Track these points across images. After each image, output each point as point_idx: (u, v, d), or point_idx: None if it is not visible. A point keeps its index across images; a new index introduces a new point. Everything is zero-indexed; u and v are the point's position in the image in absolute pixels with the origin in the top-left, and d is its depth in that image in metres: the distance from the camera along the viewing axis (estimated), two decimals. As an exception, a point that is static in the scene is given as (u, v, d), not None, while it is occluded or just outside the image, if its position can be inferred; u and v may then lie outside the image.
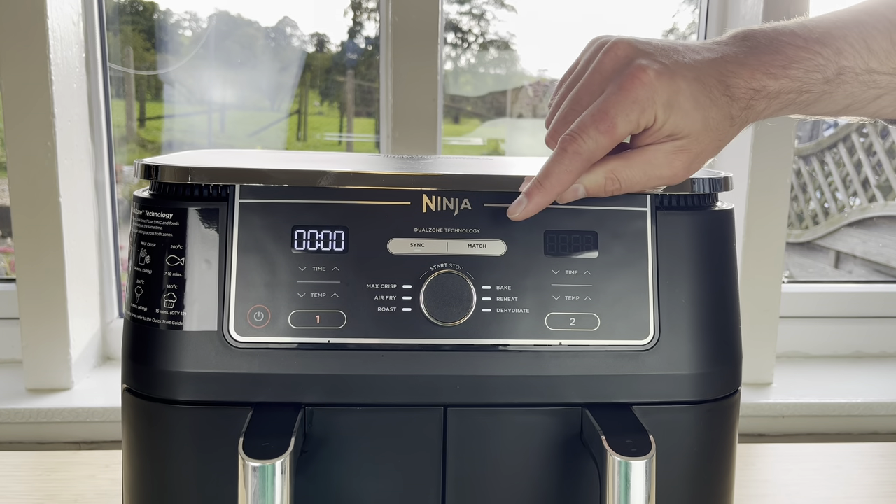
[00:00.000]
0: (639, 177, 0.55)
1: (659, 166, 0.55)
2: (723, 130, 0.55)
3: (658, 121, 0.54)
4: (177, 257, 0.57)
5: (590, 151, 0.53)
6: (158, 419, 0.58)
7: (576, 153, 0.54)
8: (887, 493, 1.01)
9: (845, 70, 0.57)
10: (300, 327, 0.57)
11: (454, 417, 0.58)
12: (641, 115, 0.53)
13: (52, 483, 0.99)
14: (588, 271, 0.59)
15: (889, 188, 2.05)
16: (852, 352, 1.46)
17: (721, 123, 0.55)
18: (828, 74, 0.56)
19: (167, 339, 0.57)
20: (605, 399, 0.58)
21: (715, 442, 0.61)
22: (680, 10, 1.59)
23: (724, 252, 0.61)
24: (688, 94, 0.54)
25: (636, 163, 0.55)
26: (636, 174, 0.55)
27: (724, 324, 0.61)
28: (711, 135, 0.55)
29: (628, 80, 0.53)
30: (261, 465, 0.50)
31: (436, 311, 0.57)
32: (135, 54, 1.50)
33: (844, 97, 0.58)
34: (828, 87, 0.57)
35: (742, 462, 1.08)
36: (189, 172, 0.57)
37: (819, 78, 0.56)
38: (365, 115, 1.65)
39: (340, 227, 0.58)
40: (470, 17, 1.67)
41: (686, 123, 0.54)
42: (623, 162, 0.55)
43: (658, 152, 0.55)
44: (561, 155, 0.54)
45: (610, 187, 0.55)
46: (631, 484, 0.52)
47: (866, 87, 0.58)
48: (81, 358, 1.25)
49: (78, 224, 1.23)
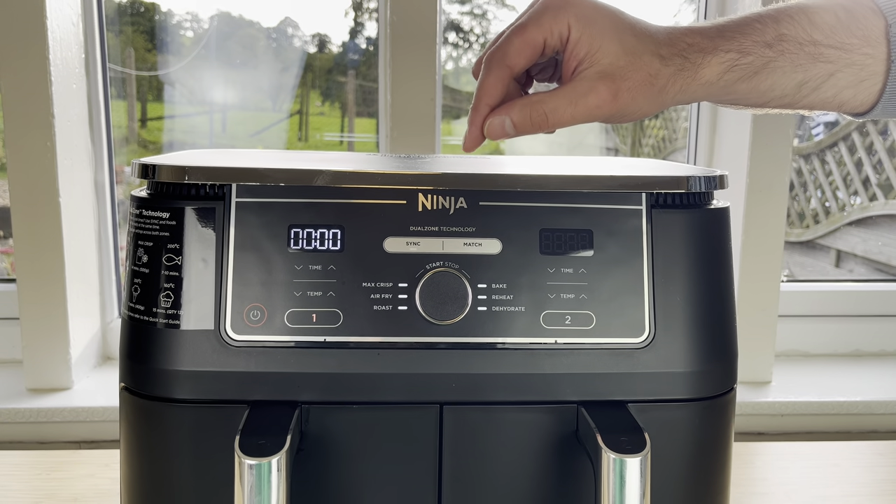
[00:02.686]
0: (565, 106, 0.56)
1: (583, 93, 0.55)
2: (651, 64, 0.56)
3: (572, 31, 0.54)
4: (174, 256, 0.57)
5: (504, 54, 0.55)
6: (156, 417, 0.58)
7: (490, 59, 0.56)
8: (886, 491, 1.02)
9: (785, 37, 0.58)
10: (296, 326, 0.57)
11: (450, 415, 0.58)
12: (553, 20, 0.54)
13: (51, 482, 1.00)
14: (583, 269, 0.59)
15: (890, 187, 2.05)
16: (852, 350, 1.46)
17: (646, 56, 0.56)
18: (767, 38, 0.57)
19: (164, 337, 0.57)
20: (600, 397, 0.58)
21: (711, 439, 0.61)
22: (681, 10, 1.59)
23: (719, 250, 0.61)
24: (605, 14, 0.55)
25: (560, 93, 0.56)
26: (562, 104, 0.56)
27: (720, 321, 0.61)
28: (636, 63, 0.55)
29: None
30: (257, 462, 0.50)
31: (432, 309, 0.57)
32: (136, 55, 1.50)
33: (794, 69, 0.58)
34: (770, 52, 0.58)
35: (741, 460, 1.08)
36: (186, 172, 0.57)
37: (758, 40, 0.57)
38: (366, 116, 1.65)
39: (336, 225, 0.58)
40: (471, 16, 1.68)
41: (602, 40, 0.55)
42: (547, 94, 0.56)
43: (582, 80, 0.55)
44: (484, 68, 0.56)
45: (536, 119, 0.56)
46: (626, 481, 0.52)
47: (814, 60, 0.58)
48: (81, 358, 1.25)
49: (78, 224, 1.23)
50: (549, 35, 0.55)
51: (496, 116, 0.57)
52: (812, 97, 0.61)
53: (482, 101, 0.56)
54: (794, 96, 0.60)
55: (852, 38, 0.59)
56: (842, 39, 0.59)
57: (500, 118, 0.56)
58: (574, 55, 0.55)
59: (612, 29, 0.55)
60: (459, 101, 1.72)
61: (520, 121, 0.56)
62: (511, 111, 0.56)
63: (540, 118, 0.56)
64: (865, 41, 0.59)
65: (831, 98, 0.61)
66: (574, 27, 0.54)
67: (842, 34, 0.59)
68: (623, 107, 0.56)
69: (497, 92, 0.56)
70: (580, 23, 0.54)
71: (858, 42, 0.59)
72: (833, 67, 0.59)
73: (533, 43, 0.55)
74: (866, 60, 0.59)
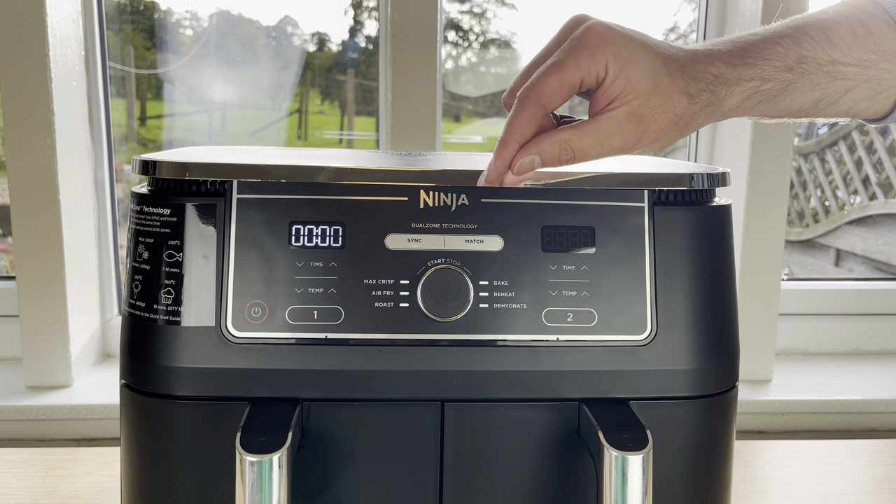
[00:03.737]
0: (591, 145, 0.56)
1: (611, 134, 0.55)
2: (677, 103, 0.56)
3: (609, 71, 0.54)
4: (174, 253, 0.57)
5: (540, 94, 0.54)
6: (156, 414, 0.58)
7: (526, 98, 0.55)
8: (886, 489, 1.01)
9: (806, 59, 0.58)
10: (298, 322, 0.57)
11: (451, 412, 0.58)
12: (592, 60, 0.54)
13: (51, 480, 0.99)
14: (585, 266, 0.59)
15: (889, 186, 2.05)
16: (852, 349, 1.46)
17: (675, 95, 0.56)
18: (788, 62, 0.57)
19: (165, 334, 0.57)
20: (602, 394, 0.58)
21: (712, 437, 0.61)
22: (681, 9, 1.59)
23: (721, 248, 0.61)
24: (642, 53, 0.55)
25: (588, 131, 0.56)
26: (588, 142, 0.56)
27: (722, 319, 0.61)
28: (663, 102, 0.55)
29: (581, 32, 0.55)
30: (258, 459, 0.50)
31: (433, 306, 0.57)
32: (135, 53, 1.50)
33: (812, 88, 0.58)
34: (791, 76, 0.58)
35: (741, 459, 1.08)
36: (186, 168, 0.57)
37: (779, 66, 0.57)
38: (366, 114, 1.65)
39: (338, 222, 0.58)
40: (471, 15, 1.67)
41: (636, 80, 0.55)
42: (576, 131, 0.56)
43: (610, 119, 0.55)
44: (517, 105, 0.55)
45: (564, 157, 0.56)
46: (628, 479, 0.52)
47: (832, 78, 0.59)
48: (81, 355, 1.25)
49: (78, 222, 1.23)
50: (587, 75, 0.54)
51: (526, 156, 0.56)
52: (827, 110, 0.61)
53: (513, 138, 0.55)
54: (810, 111, 0.61)
55: (869, 53, 0.59)
56: (859, 56, 0.59)
57: (529, 158, 0.56)
58: (607, 95, 0.55)
59: (648, 69, 0.55)
60: (459, 100, 1.72)
61: (549, 159, 0.56)
62: (542, 150, 0.56)
63: (567, 157, 0.56)
64: (882, 56, 0.59)
65: (846, 111, 0.61)
66: (612, 68, 0.54)
67: (859, 51, 0.59)
68: (646, 146, 0.57)
69: (529, 131, 0.55)
70: (618, 64, 0.54)
71: (875, 58, 0.59)
72: (850, 84, 0.59)
73: (570, 84, 0.55)
74: (883, 75, 0.59)
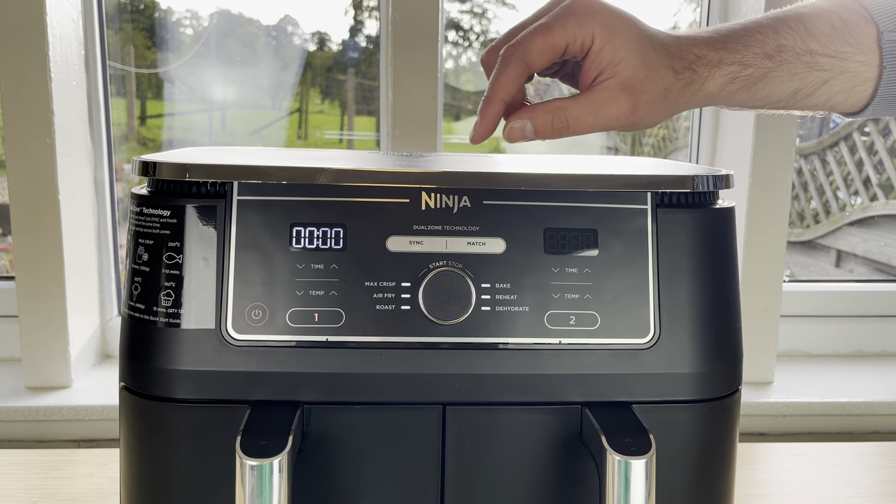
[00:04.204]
0: (586, 115, 0.56)
1: (605, 104, 0.56)
2: (664, 77, 0.57)
3: (596, 40, 0.55)
4: (174, 255, 0.57)
5: (525, 52, 0.55)
6: (156, 417, 0.58)
7: (511, 55, 0.55)
8: (888, 492, 1.01)
9: (784, 48, 0.59)
10: (298, 325, 0.56)
11: (453, 416, 0.58)
12: (579, 26, 0.55)
13: (50, 481, 0.99)
14: (588, 269, 0.58)
15: (890, 187, 2.05)
16: (853, 351, 1.45)
17: (661, 69, 0.57)
18: (767, 50, 0.59)
19: (165, 336, 0.57)
20: (604, 398, 0.58)
21: (715, 441, 0.61)
22: (681, 9, 1.58)
23: (724, 250, 0.61)
24: (629, 25, 0.56)
25: (582, 101, 0.56)
26: (583, 112, 0.56)
27: (725, 322, 0.60)
28: (652, 75, 0.56)
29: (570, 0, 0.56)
30: (258, 463, 0.50)
31: (435, 309, 0.57)
32: (135, 52, 1.50)
33: (790, 77, 0.60)
34: (770, 63, 0.59)
35: (743, 461, 1.08)
36: (187, 169, 0.56)
37: (759, 52, 0.59)
38: (366, 114, 1.65)
39: (339, 224, 0.57)
40: (471, 15, 1.67)
41: (625, 52, 0.55)
42: (569, 101, 0.57)
43: (604, 90, 0.56)
44: (501, 62, 0.56)
45: (558, 125, 0.56)
46: (631, 483, 0.52)
47: (810, 69, 0.60)
48: (80, 356, 1.25)
49: (77, 222, 1.22)
50: (573, 41, 0.55)
51: (517, 120, 0.57)
52: (805, 102, 0.63)
53: (497, 95, 0.56)
54: (788, 101, 0.62)
55: (846, 46, 0.60)
56: (836, 48, 0.60)
57: (521, 122, 0.57)
58: (596, 64, 0.56)
59: (634, 41, 0.56)
60: (459, 99, 1.72)
61: (541, 126, 0.57)
62: (533, 116, 0.57)
63: (562, 125, 0.56)
64: (858, 49, 0.61)
65: (823, 102, 0.63)
66: (598, 37, 0.55)
67: (837, 43, 0.60)
68: (639, 118, 0.58)
69: (513, 88, 0.56)
70: (605, 33, 0.55)
71: (852, 50, 0.61)
72: (827, 75, 0.61)
73: (555, 46, 0.55)
74: (859, 68, 0.61)
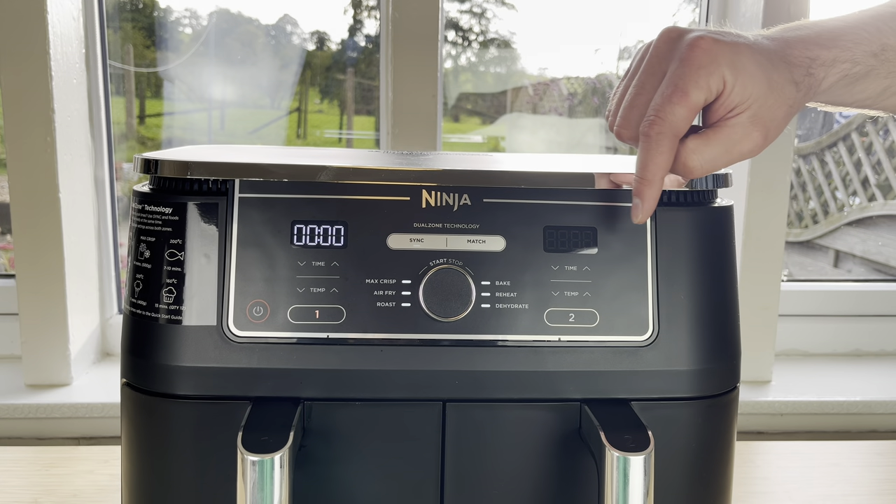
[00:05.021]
0: (721, 154, 0.55)
1: (739, 141, 0.55)
2: (789, 95, 0.56)
3: (727, 84, 0.54)
4: (176, 252, 0.57)
5: (672, 126, 0.54)
6: (157, 413, 0.58)
7: (660, 133, 0.54)
8: (885, 490, 1.02)
9: (888, 47, 0.59)
10: (299, 322, 0.57)
11: (453, 413, 0.58)
12: (710, 78, 0.54)
13: (50, 478, 0.99)
14: (587, 267, 0.59)
15: (888, 187, 2.05)
16: (851, 350, 1.46)
17: (786, 87, 0.56)
18: (873, 48, 0.58)
19: (166, 333, 0.57)
20: (603, 395, 0.58)
21: (713, 438, 0.61)
22: (680, 9, 1.59)
23: (723, 249, 0.61)
24: (748, 56, 0.55)
25: (716, 141, 0.55)
26: (718, 151, 0.55)
27: (723, 320, 0.61)
28: (779, 99, 0.56)
29: (688, 50, 0.54)
30: (259, 459, 0.50)
31: (435, 306, 0.57)
32: (135, 51, 1.50)
33: (886, 75, 0.59)
34: (874, 61, 0.58)
35: (741, 460, 1.08)
36: (188, 167, 0.57)
37: (867, 51, 0.58)
38: (365, 113, 1.65)
39: (340, 222, 0.58)
40: (470, 15, 1.68)
41: (753, 85, 0.54)
42: (703, 142, 0.55)
43: (736, 126, 0.55)
44: (647, 141, 0.54)
45: (695, 168, 0.56)
46: (629, 479, 0.52)
47: None
48: (80, 354, 1.25)
49: (77, 220, 1.23)
50: (709, 94, 0.54)
51: None
52: (888, 102, 0.62)
53: (657, 177, 0.54)
54: (875, 99, 0.61)
55: None
56: None
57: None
58: (726, 105, 0.55)
59: (758, 70, 0.55)
60: (458, 99, 1.72)
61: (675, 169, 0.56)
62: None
63: (697, 168, 0.56)
64: None
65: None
66: (728, 81, 0.54)
67: None
68: (770, 142, 0.57)
69: (670, 164, 0.55)
70: (732, 74, 0.54)
71: None
72: None
73: (697, 108, 0.54)
74: None
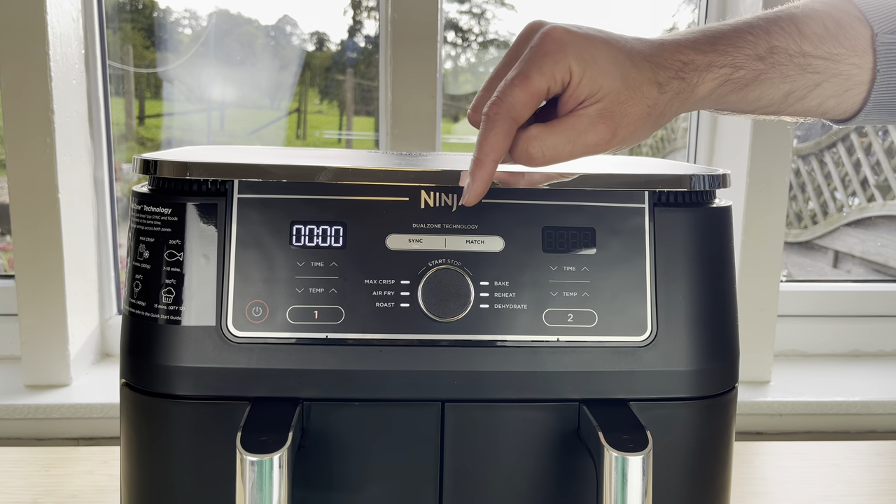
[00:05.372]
0: (563, 144, 0.55)
1: (583, 132, 0.54)
2: (648, 95, 0.55)
3: (574, 74, 0.53)
4: (175, 252, 0.57)
5: (510, 109, 0.53)
6: (156, 413, 0.58)
7: (497, 114, 0.54)
8: (884, 490, 1.02)
9: (776, 49, 0.57)
10: (298, 322, 0.57)
11: (452, 413, 0.58)
12: (555, 66, 0.53)
13: (50, 479, 0.99)
14: (586, 267, 0.59)
15: (888, 188, 2.05)
16: (850, 350, 1.46)
17: (645, 87, 0.55)
18: (759, 52, 0.57)
19: (165, 333, 0.57)
20: (602, 395, 0.58)
21: (712, 438, 0.61)
22: (680, 10, 1.59)
23: (721, 249, 0.61)
24: (603, 50, 0.54)
25: (559, 129, 0.55)
26: (560, 141, 0.55)
27: (722, 320, 0.61)
28: (634, 96, 0.54)
29: (539, 39, 0.54)
30: (258, 459, 0.50)
31: (434, 306, 0.57)
32: (134, 52, 1.50)
33: (782, 80, 0.58)
34: (762, 65, 0.57)
35: (740, 460, 1.08)
36: (187, 167, 0.57)
37: (750, 54, 0.57)
38: (364, 114, 1.65)
39: (339, 222, 0.58)
40: (470, 15, 1.68)
41: (604, 80, 0.54)
42: (546, 129, 0.55)
43: (582, 117, 0.54)
44: (485, 122, 0.54)
45: (535, 155, 0.55)
46: (628, 479, 0.52)
47: (802, 71, 0.58)
48: (80, 354, 1.25)
49: (77, 221, 1.23)
50: (553, 82, 0.54)
51: None
52: (797, 106, 0.61)
53: (489, 157, 0.54)
54: (779, 105, 0.60)
55: (840, 48, 0.59)
56: (829, 50, 0.58)
57: None
58: (575, 97, 0.54)
59: (612, 65, 0.54)
60: (458, 100, 1.72)
61: (517, 157, 0.55)
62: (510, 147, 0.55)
63: (539, 155, 0.55)
64: (852, 51, 0.59)
65: (816, 107, 0.61)
66: (576, 71, 0.53)
67: (830, 44, 0.58)
68: (620, 142, 0.56)
69: (504, 147, 0.54)
70: (581, 65, 0.53)
71: (845, 52, 0.59)
72: (820, 78, 0.59)
73: (538, 94, 0.54)
74: (852, 70, 0.59)
